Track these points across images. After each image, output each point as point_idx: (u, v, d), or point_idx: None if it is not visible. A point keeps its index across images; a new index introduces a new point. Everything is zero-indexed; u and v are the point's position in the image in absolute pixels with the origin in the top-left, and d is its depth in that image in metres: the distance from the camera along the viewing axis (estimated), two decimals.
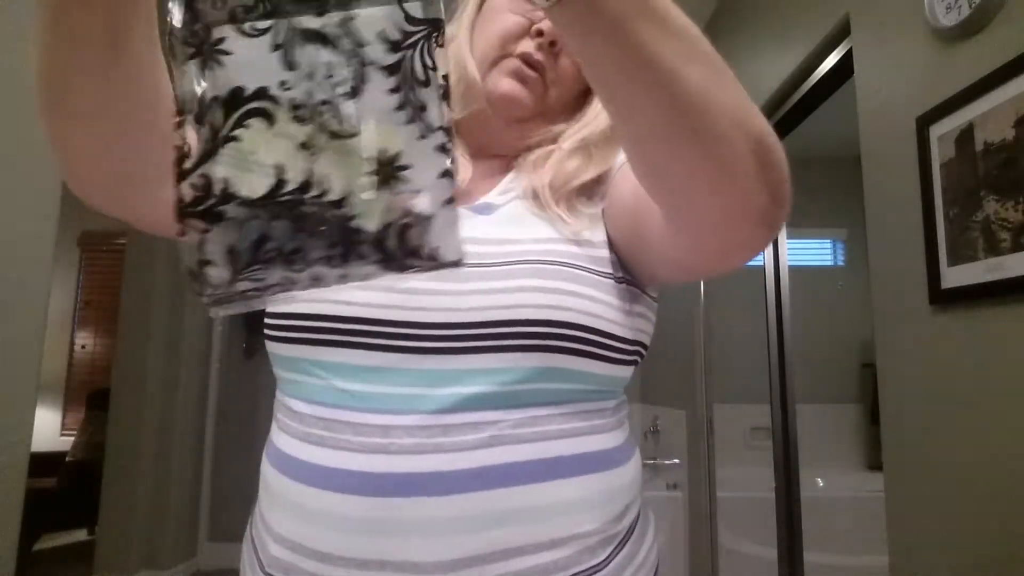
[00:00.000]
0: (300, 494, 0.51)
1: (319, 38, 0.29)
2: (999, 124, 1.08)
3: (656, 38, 0.35)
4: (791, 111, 2.03)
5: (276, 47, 0.29)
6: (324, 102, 0.29)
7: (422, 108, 0.30)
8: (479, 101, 0.64)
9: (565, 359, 0.53)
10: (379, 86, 0.29)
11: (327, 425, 0.52)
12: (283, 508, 0.53)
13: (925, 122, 1.27)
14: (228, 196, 0.28)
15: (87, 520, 3.43)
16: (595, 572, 0.52)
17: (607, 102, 0.41)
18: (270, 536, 0.53)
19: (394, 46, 0.30)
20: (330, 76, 0.29)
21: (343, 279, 0.29)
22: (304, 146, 0.29)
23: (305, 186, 0.29)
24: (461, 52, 0.65)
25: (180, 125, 0.28)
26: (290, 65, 0.29)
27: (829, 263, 3.90)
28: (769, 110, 2.12)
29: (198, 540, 3.41)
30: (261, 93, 0.29)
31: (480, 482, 0.49)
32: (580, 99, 0.68)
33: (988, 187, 1.10)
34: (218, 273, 0.28)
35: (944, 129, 1.22)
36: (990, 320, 1.11)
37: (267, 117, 0.29)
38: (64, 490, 3.41)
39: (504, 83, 0.63)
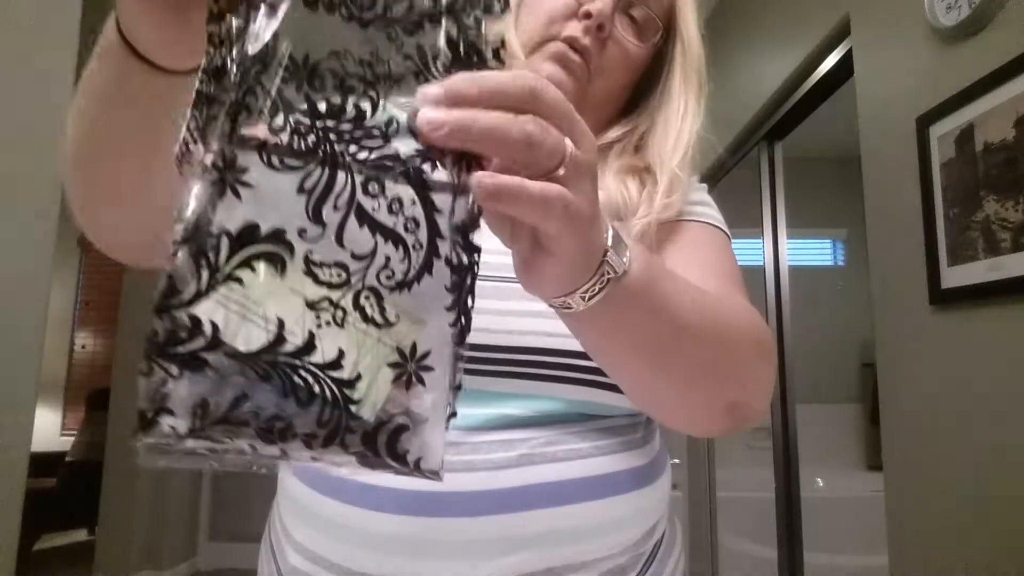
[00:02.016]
0: (321, 505, 0.50)
1: (380, 228, 0.26)
2: (999, 124, 1.08)
3: (669, 338, 0.39)
4: (791, 111, 2.03)
5: (302, 190, 0.25)
6: (368, 290, 0.26)
7: (467, 315, 0.28)
8: None
9: (607, 395, 0.51)
10: (439, 281, 0.27)
11: None
12: (303, 517, 0.51)
13: (925, 122, 1.26)
14: (216, 343, 0.24)
15: (87, 520, 3.43)
16: None
17: (609, 365, 0.43)
18: (290, 545, 0.52)
19: (469, 248, 0.28)
20: (384, 266, 0.26)
21: (313, 461, 0.26)
22: (313, 307, 0.25)
23: (307, 349, 0.25)
24: (505, 30, 0.61)
25: (175, 255, 0.24)
26: (315, 216, 0.25)
27: (829, 263, 3.90)
28: (769, 110, 2.13)
29: (198, 540, 3.41)
30: (276, 236, 0.25)
31: (510, 504, 0.48)
32: (626, 93, 0.65)
33: (988, 187, 1.10)
34: (174, 425, 0.24)
35: (944, 129, 1.22)
36: (990, 320, 1.11)
37: (278, 264, 0.25)
38: (64, 490, 3.41)
39: (546, 68, 0.58)
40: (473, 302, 0.28)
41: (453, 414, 0.28)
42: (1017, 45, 1.06)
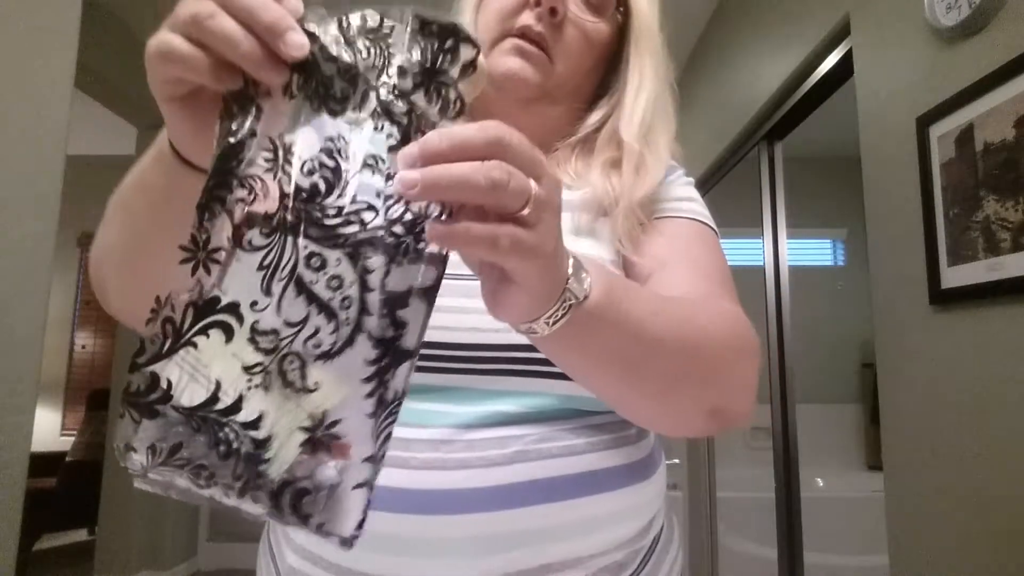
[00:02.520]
0: None
1: (316, 302, 0.29)
2: (999, 124, 1.08)
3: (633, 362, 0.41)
4: (791, 111, 2.02)
5: (261, 267, 0.29)
6: (293, 355, 0.29)
7: (387, 387, 0.30)
8: (483, 83, 0.61)
9: None
10: (359, 355, 0.29)
11: None
12: None
13: (925, 122, 1.26)
14: (167, 397, 0.28)
15: (87, 520, 3.43)
16: None
17: (583, 382, 0.44)
18: (288, 545, 0.53)
19: (396, 324, 0.30)
20: (312, 336, 0.29)
21: (236, 509, 0.29)
22: (248, 370, 0.29)
23: (233, 409, 0.28)
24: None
25: (150, 321, 0.29)
26: (267, 289, 0.29)
27: (829, 263, 3.90)
28: (769, 110, 2.13)
29: (198, 540, 3.41)
30: (231, 308, 0.29)
31: (503, 501, 0.48)
32: (596, 74, 0.65)
33: (988, 187, 1.10)
34: (138, 460, 0.29)
35: (944, 129, 1.22)
36: (990, 320, 1.11)
37: (227, 332, 0.29)
38: (64, 490, 3.40)
39: (505, 62, 0.58)
40: (394, 377, 0.30)
41: (365, 483, 0.29)
42: (1017, 45, 1.06)
